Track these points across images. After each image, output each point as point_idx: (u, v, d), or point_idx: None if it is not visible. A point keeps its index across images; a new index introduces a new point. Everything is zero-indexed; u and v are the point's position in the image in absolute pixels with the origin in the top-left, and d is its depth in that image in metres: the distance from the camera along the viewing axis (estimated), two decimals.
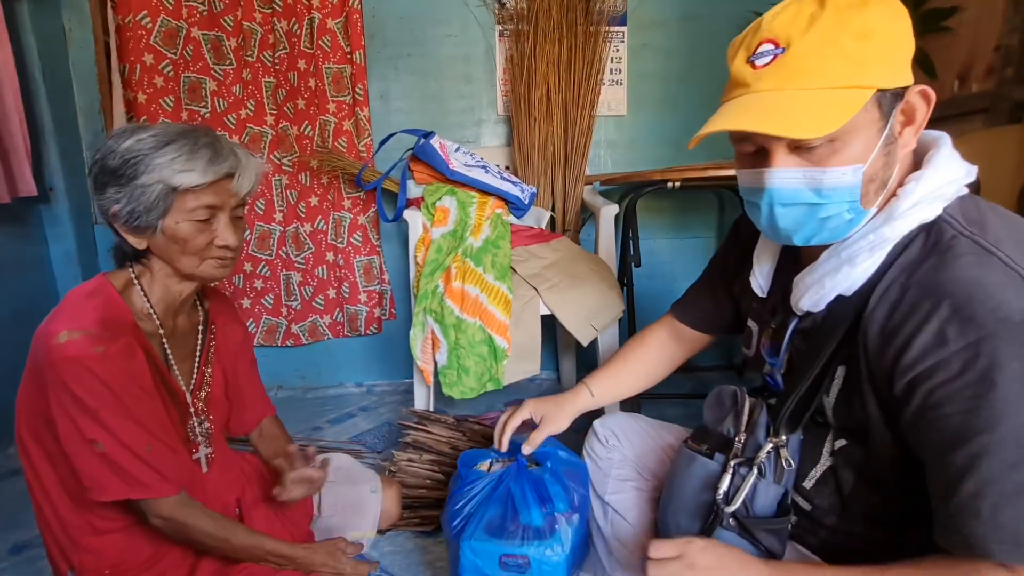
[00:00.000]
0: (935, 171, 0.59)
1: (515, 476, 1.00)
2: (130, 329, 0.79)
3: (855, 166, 0.58)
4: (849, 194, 0.59)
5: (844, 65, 0.56)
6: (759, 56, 0.59)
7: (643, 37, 2.07)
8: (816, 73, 0.56)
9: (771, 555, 0.69)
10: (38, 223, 1.90)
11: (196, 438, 0.92)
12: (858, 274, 0.61)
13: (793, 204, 0.61)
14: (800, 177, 0.59)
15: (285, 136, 2.01)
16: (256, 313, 2.12)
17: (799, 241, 0.64)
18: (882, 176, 0.61)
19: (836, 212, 0.60)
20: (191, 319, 0.94)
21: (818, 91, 0.56)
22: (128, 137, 0.78)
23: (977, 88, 1.52)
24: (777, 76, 0.58)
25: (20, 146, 1.65)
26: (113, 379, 0.73)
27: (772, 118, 0.56)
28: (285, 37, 1.95)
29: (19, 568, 1.21)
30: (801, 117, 0.56)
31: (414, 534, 1.28)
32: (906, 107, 0.60)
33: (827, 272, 0.64)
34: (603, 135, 2.13)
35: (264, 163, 0.92)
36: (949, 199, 0.59)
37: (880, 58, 0.56)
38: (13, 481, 1.58)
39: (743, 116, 0.58)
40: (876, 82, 0.56)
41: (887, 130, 0.58)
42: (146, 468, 0.76)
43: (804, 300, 0.67)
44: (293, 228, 2.08)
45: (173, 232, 0.79)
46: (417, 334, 1.53)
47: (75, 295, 0.79)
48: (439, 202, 1.61)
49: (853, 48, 0.55)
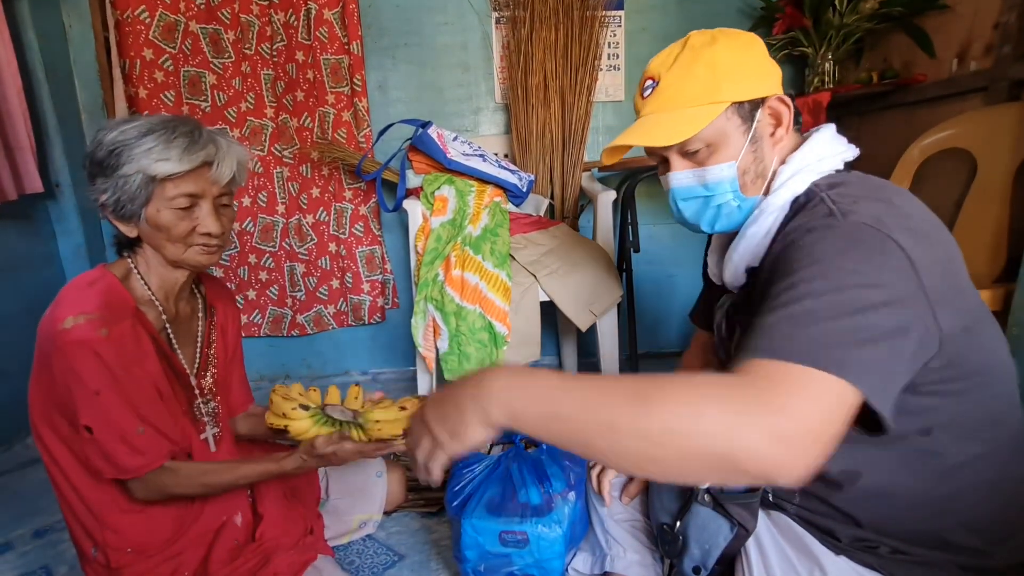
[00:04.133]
0: (803, 153, 0.71)
1: (514, 457, 1.04)
2: (132, 312, 0.82)
3: (729, 163, 0.73)
4: (730, 185, 0.73)
5: (698, 88, 0.71)
6: (645, 89, 0.76)
7: (640, 21, 2.06)
8: (679, 97, 0.72)
9: (744, 529, 0.73)
10: (46, 219, 1.94)
11: (203, 418, 0.96)
12: (752, 244, 0.72)
13: (690, 198, 0.77)
14: (691, 176, 0.75)
15: (285, 128, 2.03)
16: (262, 304, 2.16)
17: (706, 228, 0.78)
18: (755, 168, 0.73)
19: (724, 200, 0.75)
20: (191, 304, 0.97)
21: (681, 111, 0.72)
22: (114, 129, 0.81)
23: (975, 67, 1.50)
24: (654, 103, 0.74)
25: (25, 143, 1.68)
26: (116, 361, 0.77)
27: (649, 134, 0.73)
28: (282, 29, 1.95)
29: (42, 551, 1.27)
30: (667, 130, 0.72)
31: (419, 515, 1.32)
32: (772, 111, 0.73)
33: (733, 248, 0.76)
34: (601, 121, 2.13)
35: (248, 151, 0.93)
36: (821, 173, 0.70)
37: (728, 80, 0.70)
38: (32, 470, 1.64)
39: (632, 134, 0.75)
40: (729, 97, 0.70)
41: (751, 132, 0.72)
42: (132, 453, 0.79)
43: (727, 276, 0.79)
44: (296, 220, 2.10)
45: (156, 220, 0.82)
46: (418, 322, 1.56)
47: (76, 284, 0.82)
48: (438, 191, 1.63)
49: (703, 75, 0.71)
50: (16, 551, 1.27)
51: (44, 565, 1.22)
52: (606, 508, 1.00)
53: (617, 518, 0.99)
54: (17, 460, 1.70)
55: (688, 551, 0.77)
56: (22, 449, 1.74)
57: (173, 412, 0.89)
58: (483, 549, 0.96)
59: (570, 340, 2.16)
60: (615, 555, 0.98)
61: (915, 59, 1.67)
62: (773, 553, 0.72)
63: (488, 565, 0.96)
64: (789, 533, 0.73)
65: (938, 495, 0.65)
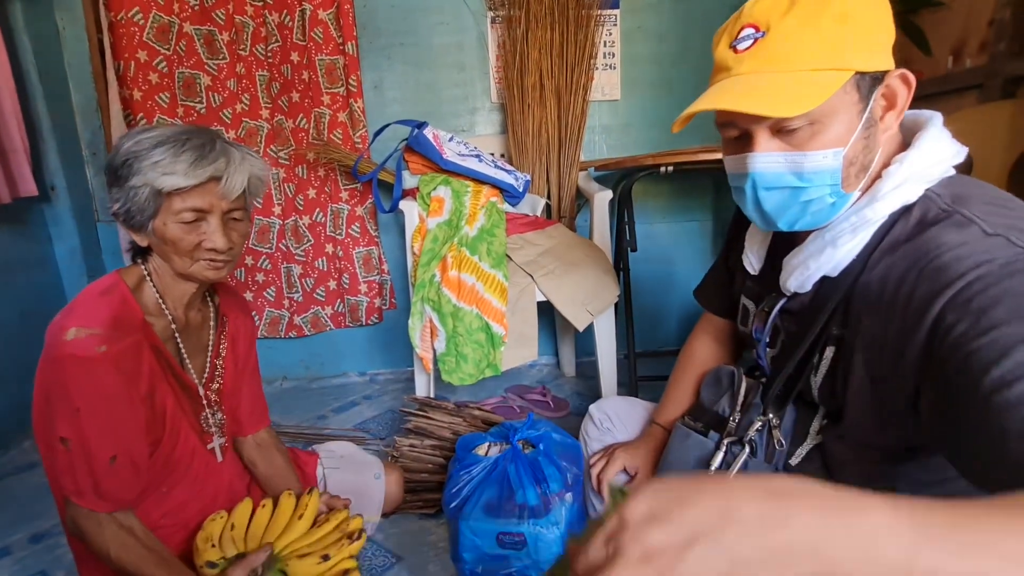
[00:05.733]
0: (920, 152, 0.60)
1: (511, 458, 1.04)
2: (139, 327, 0.81)
3: (835, 149, 0.59)
4: (830, 177, 0.60)
5: (822, 47, 0.57)
6: (740, 41, 0.60)
7: (636, 20, 2.06)
8: (794, 55, 0.57)
9: None
10: (41, 223, 1.93)
11: (210, 429, 0.95)
12: (841, 255, 0.62)
13: (776, 188, 0.62)
14: (781, 161, 0.61)
15: (281, 129, 2.02)
16: (259, 306, 2.16)
17: (784, 226, 0.65)
18: (862, 160, 0.61)
19: (818, 196, 0.61)
20: (202, 313, 0.96)
21: (796, 73, 0.57)
22: (132, 138, 0.80)
23: (971, 64, 1.51)
24: (757, 59, 0.59)
25: (19, 146, 1.67)
26: (107, 381, 0.75)
27: (749, 98, 0.58)
28: (277, 30, 1.95)
29: (38, 555, 1.26)
30: (778, 97, 0.57)
31: (417, 516, 1.32)
32: (887, 91, 0.60)
33: (811, 254, 0.65)
34: (597, 120, 2.13)
35: (265, 165, 0.90)
36: (934, 180, 0.59)
37: (858, 41, 0.57)
38: (30, 474, 1.63)
39: (723, 97, 0.60)
40: (854, 64, 0.57)
41: (867, 113, 0.59)
42: (91, 480, 0.77)
43: (791, 281, 0.68)
44: (292, 221, 2.10)
45: (162, 233, 0.81)
46: (415, 323, 1.56)
47: (89, 292, 0.81)
48: (434, 192, 1.63)
49: (831, 30, 0.56)
50: (13, 556, 1.27)
51: (41, 570, 1.22)
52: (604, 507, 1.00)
53: None
54: (14, 464, 1.69)
55: None
56: (19, 454, 1.73)
57: (178, 425, 0.88)
58: (481, 551, 0.96)
59: (568, 340, 2.16)
60: None
61: (911, 56, 1.67)
62: None
63: (486, 567, 0.96)
64: None
65: None
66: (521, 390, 1.98)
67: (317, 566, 0.83)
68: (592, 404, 1.08)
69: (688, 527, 0.28)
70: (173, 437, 0.88)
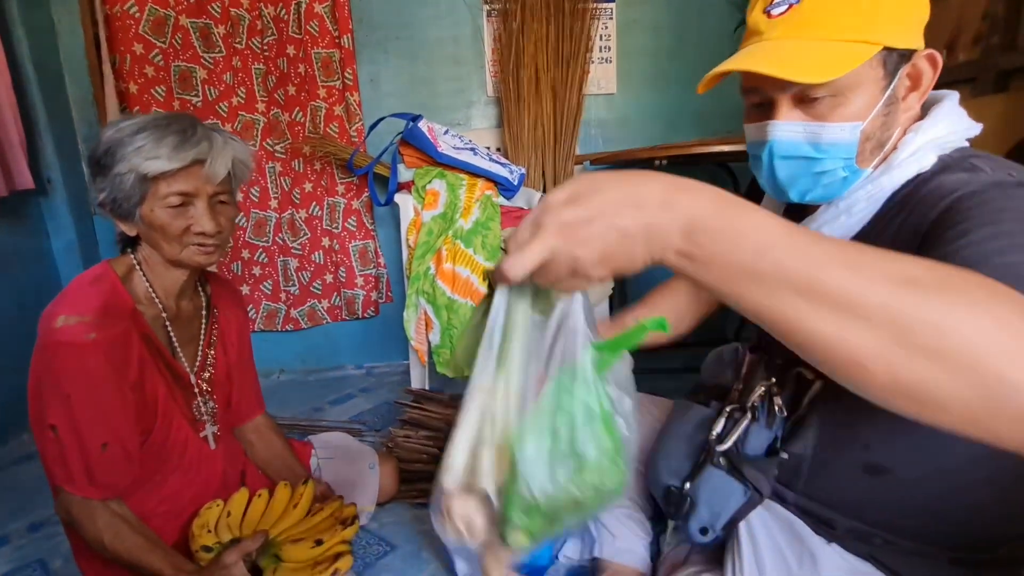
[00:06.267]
0: (934, 123, 0.61)
1: None
2: (129, 315, 0.82)
3: (853, 123, 0.60)
4: (846, 151, 0.61)
5: (854, 18, 0.57)
6: (775, 6, 0.61)
7: (632, 13, 2.06)
8: (826, 24, 0.58)
9: (758, 492, 0.71)
10: (38, 216, 1.94)
11: (202, 417, 0.96)
12: (854, 223, 0.63)
13: (791, 157, 0.63)
14: (800, 130, 0.62)
15: (277, 123, 2.03)
16: (256, 299, 2.17)
17: (795, 196, 0.66)
18: (879, 136, 0.62)
19: (831, 168, 0.62)
20: (194, 303, 0.97)
21: (826, 42, 0.58)
22: (112, 127, 0.80)
23: (964, 57, 1.51)
24: (789, 25, 0.60)
25: (15, 140, 1.67)
26: (96, 367, 0.76)
27: (775, 63, 0.58)
28: (273, 23, 1.95)
29: (37, 544, 1.28)
30: (804, 64, 0.57)
31: (412, 506, 1.34)
32: (912, 71, 0.61)
33: (825, 221, 0.65)
34: (593, 114, 2.13)
35: (249, 148, 0.91)
36: (947, 149, 0.60)
37: (891, 16, 0.57)
38: (28, 466, 1.64)
39: (749, 60, 0.60)
40: (884, 39, 0.57)
41: (890, 90, 0.60)
42: (83, 466, 0.78)
43: None
44: (288, 214, 2.11)
45: (150, 219, 0.81)
46: (411, 315, 1.57)
47: (80, 281, 0.82)
48: (429, 185, 1.64)
49: (865, 2, 0.57)
50: (12, 544, 1.29)
51: (39, 558, 1.23)
52: None
53: None
54: (13, 456, 1.70)
55: (696, 512, 0.74)
56: (18, 445, 1.75)
57: (170, 413, 0.89)
58: None
59: None
60: (604, 541, 0.99)
61: None
62: (764, 539, 0.71)
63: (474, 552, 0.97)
64: (782, 520, 0.73)
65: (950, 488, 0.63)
66: None
67: (310, 550, 0.84)
68: None
69: (595, 207, 0.37)
70: (166, 425, 0.89)
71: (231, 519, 0.87)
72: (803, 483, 0.73)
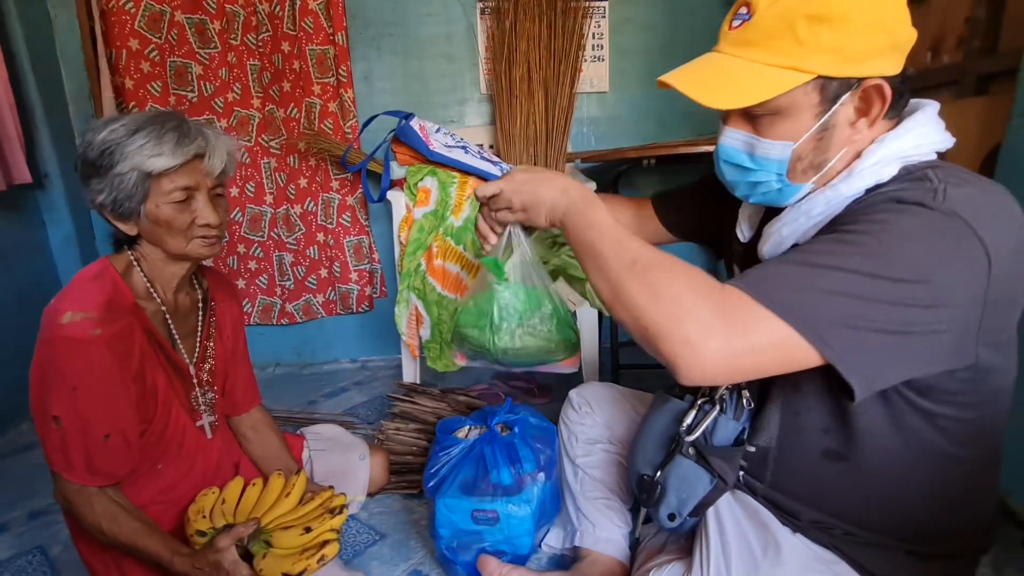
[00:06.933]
0: (898, 135, 0.61)
1: (488, 440, 1.08)
2: (131, 310, 0.85)
3: (785, 142, 0.63)
4: (777, 167, 0.65)
5: (791, 45, 0.58)
6: (737, 17, 0.63)
7: (625, 12, 2.07)
8: (765, 47, 0.60)
9: (723, 480, 0.75)
10: (35, 209, 1.96)
11: (200, 407, 1.00)
12: (811, 226, 0.66)
13: (732, 163, 0.69)
14: (740, 140, 0.67)
15: (272, 119, 2.05)
16: (251, 293, 2.19)
17: (739, 195, 0.73)
18: (812, 158, 0.64)
19: (765, 180, 0.67)
20: (191, 297, 1.00)
21: (759, 64, 0.60)
22: (103, 129, 0.82)
23: (947, 60, 1.53)
24: (736, 42, 0.63)
25: (12, 134, 1.69)
26: (102, 362, 0.79)
27: (700, 81, 0.63)
28: (268, 19, 1.96)
29: (36, 531, 1.32)
30: (728, 86, 0.61)
31: (401, 496, 1.37)
32: (861, 99, 0.61)
33: (786, 222, 0.68)
34: (585, 112, 2.15)
35: (236, 141, 0.94)
36: (911, 161, 0.61)
37: (831, 46, 0.57)
38: (27, 455, 1.68)
39: (680, 76, 0.65)
40: (818, 69, 0.58)
41: (826, 116, 0.61)
42: (83, 456, 0.80)
43: (766, 247, 0.71)
44: (283, 210, 2.13)
45: (155, 215, 0.84)
46: (402, 311, 1.59)
47: (81, 278, 0.84)
48: (420, 183, 1.66)
49: (802, 30, 0.57)
50: (12, 532, 1.32)
51: (39, 545, 1.27)
52: (579, 487, 1.05)
53: (588, 496, 1.03)
54: (13, 445, 1.74)
55: (665, 499, 0.78)
56: (17, 435, 1.78)
57: (169, 404, 0.92)
58: (456, 527, 1.01)
59: None
60: (584, 531, 1.03)
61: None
62: (731, 528, 0.75)
63: (461, 542, 1.01)
64: (749, 510, 0.77)
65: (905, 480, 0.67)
66: (507, 377, 2.03)
67: (299, 537, 0.88)
68: (572, 390, 1.12)
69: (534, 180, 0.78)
70: (165, 415, 0.92)
71: (226, 506, 0.90)
72: (770, 475, 0.77)
